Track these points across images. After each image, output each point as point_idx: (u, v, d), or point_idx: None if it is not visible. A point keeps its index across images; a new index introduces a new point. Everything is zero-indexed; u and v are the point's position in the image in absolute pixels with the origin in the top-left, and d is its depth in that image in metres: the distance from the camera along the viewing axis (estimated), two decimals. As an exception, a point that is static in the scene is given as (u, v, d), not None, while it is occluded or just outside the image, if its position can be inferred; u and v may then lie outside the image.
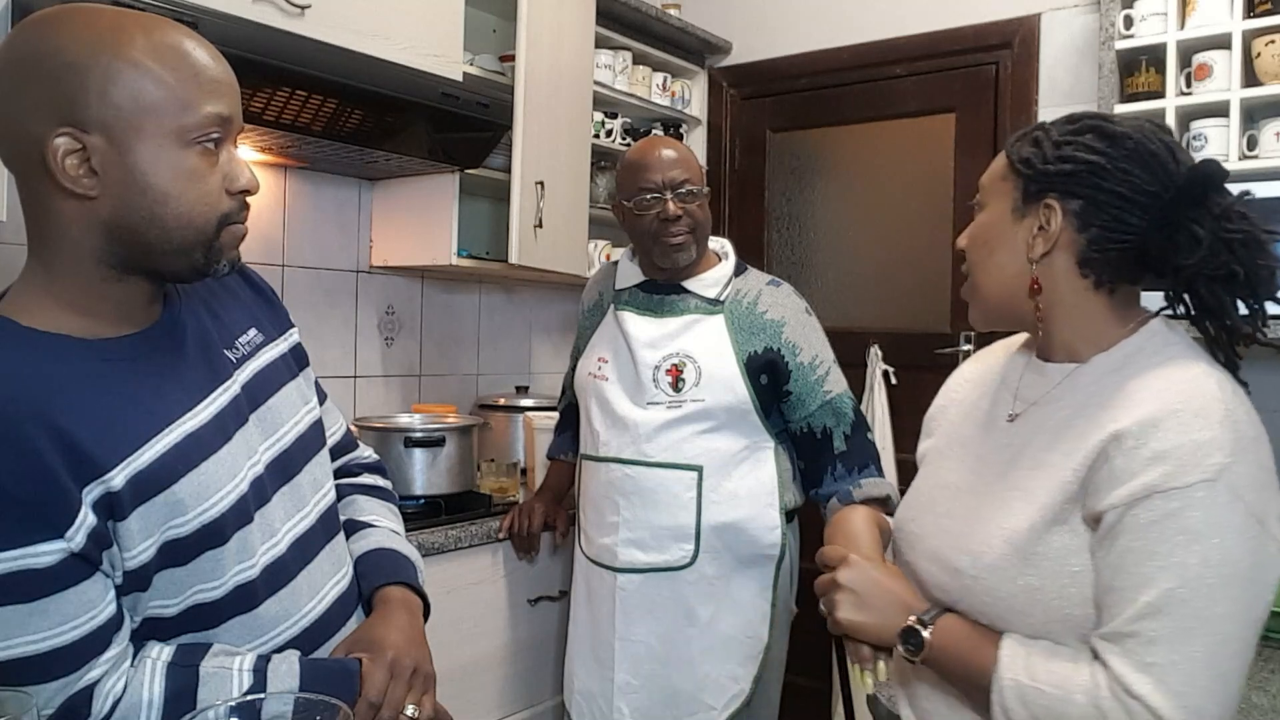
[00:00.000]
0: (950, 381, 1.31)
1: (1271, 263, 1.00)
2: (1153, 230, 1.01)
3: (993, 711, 0.97)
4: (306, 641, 1.04)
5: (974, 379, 1.25)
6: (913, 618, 1.06)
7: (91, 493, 0.87)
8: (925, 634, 1.04)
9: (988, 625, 1.03)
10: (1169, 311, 1.07)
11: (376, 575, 1.16)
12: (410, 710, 1.02)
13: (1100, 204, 1.02)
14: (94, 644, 0.88)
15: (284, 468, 1.07)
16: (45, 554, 0.84)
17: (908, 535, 1.17)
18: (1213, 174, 1.01)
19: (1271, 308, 1.02)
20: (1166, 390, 0.97)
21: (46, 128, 0.88)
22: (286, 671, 0.97)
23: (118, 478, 0.89)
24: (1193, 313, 1.05)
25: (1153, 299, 1.09)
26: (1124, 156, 1.01)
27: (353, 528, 1.21)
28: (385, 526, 1.24)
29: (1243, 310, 1.02)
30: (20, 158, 0.91)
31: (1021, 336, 1.21)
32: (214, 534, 0.95)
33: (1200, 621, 0.90)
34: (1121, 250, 1.03)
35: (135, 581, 0.92)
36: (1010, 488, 1.06)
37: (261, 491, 1.02)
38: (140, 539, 0.91)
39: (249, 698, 0.88)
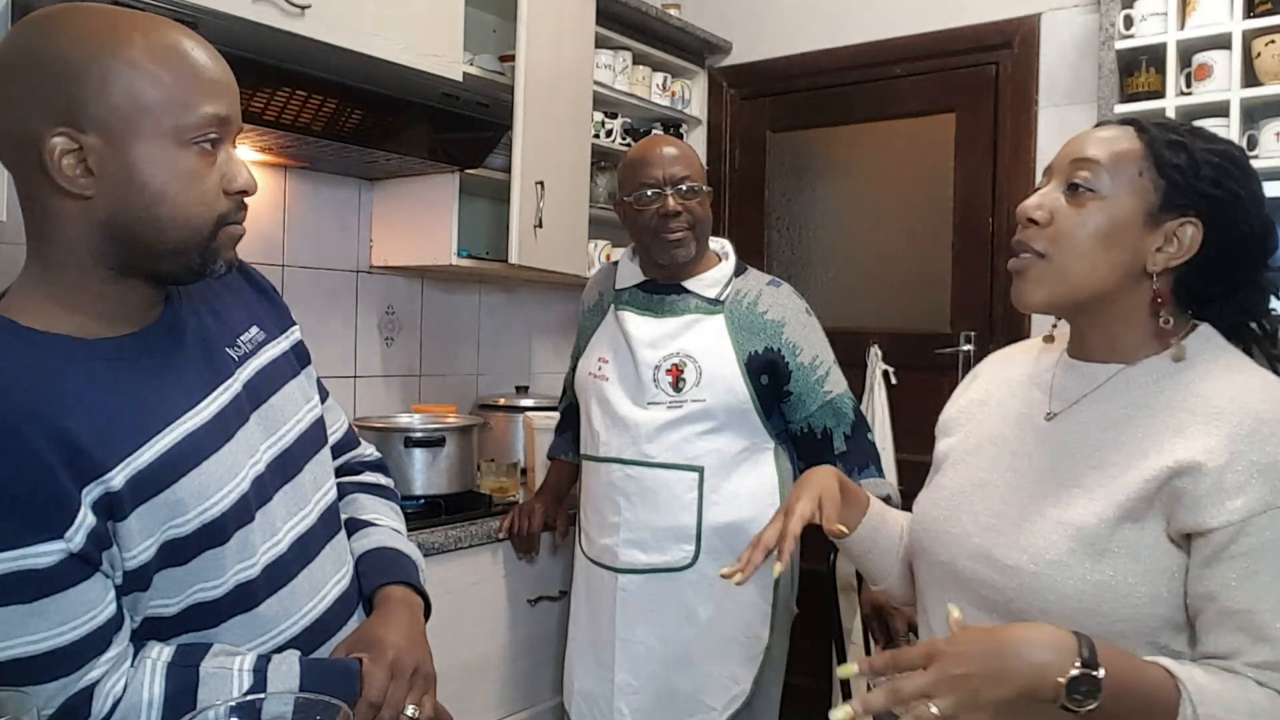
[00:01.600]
0: (967, 384, 1.29)
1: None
2: (1252, 273, 1.04)
3: None
4: (307, 641, 1.04)
5: (997, 379, 1.23)
6: (1076, 663, 0.83)
7: (91, 493, 0.87)
8: (1099, 673, 0.83)
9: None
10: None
11: (377, 574, 1.16)
12: (410, 710, 1.02)
13: (1228, 240, 1.02)
14: (94, 644, 0.88)
15: (285, 466, 1.07)
16: (44, 554, 0.84)
17: (942, 535, 1.14)
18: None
19: None
20: (1247, 398, 0.97)
21: (44, 127, 0.87)
22: (287, 671, 0.97)
23: (117, 478, 0.89)
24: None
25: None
26: (1255, 199, 1.02)
27: (354, 526, 1.21)
28: (387, 525, 1.24)
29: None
30: (18, 157, 0.91)
31: (1036, 341, 1.20)
32: (215, 533, 0.95)
33: None
34: (1217, 285, 1.04)
35: (135, 581, 0.92)
36: (1067, 485, 1.04)
37: (263, 490, 1.02)
38: (140, 539, 0.91)
39: (249, 698, 0.88)
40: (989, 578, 1.06)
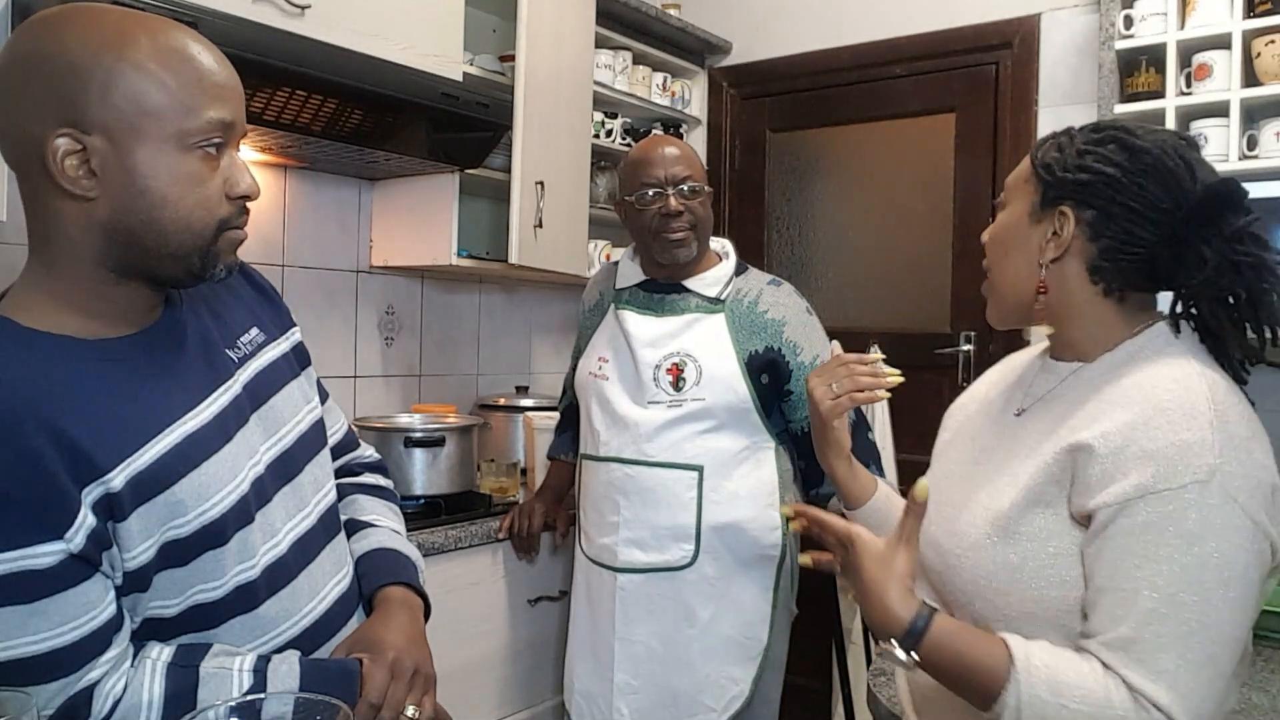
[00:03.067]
0: (975, 383, 1.33)
1: (1278, 288, 1.01)
2: (1162, 246, 1.02)
3: (999, 712, 0.95)
4: (307, 641, 1.04)
5: (996, 380, 1.27)
6: (901, 633, 1.00)
7: (91, 493, 0.87)
8: (912, 656, 1.00)
9: (966, 604, 1.05)
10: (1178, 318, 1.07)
11: (377, 575, 1.16)
12: (410, 711, 1.02)
13: (1112, 215, 1.03)
14: (94, 644, 0.88)
15: (285, 467, 1.07)
16: (45, 555, 0.84)
17: None
18: (1230, 194, 1.01)
19: None
20: (1156, 388, 0.98)
21: (47, 128, 0.87)
22: (287, 672, 0.97)
23: (117, 478, 0.89)
24: (1194, 329, 1.06)
25: (1165, 300, 1.10)
26: (1141, 170, 1.02)
27: (354, 527, 1.21)
28: (386, 526, 1.24)
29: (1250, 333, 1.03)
30: (22, 157, 0.91)
31: (1034, 347, 1.23)
32: (214, 534, 0.95)
33: (1201, 624, 0.91)
34: (1131, 261, 1.04)
35: (135, 582, 0.92)
36: (1003, 473, 1.08)
37: (262, 491, 1.02)
38: (140, 539, 0.91)
39: (249, 698, 0.88)
40: (930, 561, 1.12)
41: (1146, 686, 0.91)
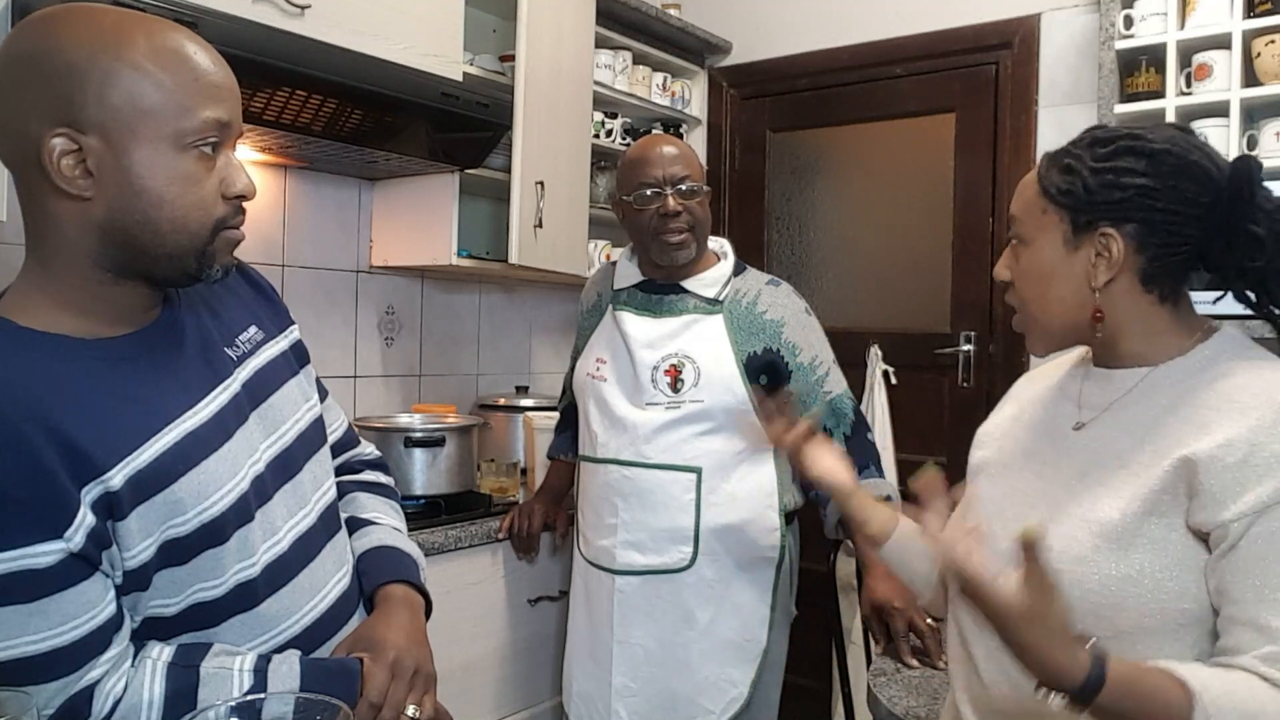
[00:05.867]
0: (1002, 404, 1.30)
1: None
2: (1212, 237, 1.02)
3: None
4: (307, 640, 1.04)
5: (1030, 396, 1.24)
6: (1079, 679, 0.88)
7: (90, 493, 0.87)
8: (1105, 668, 0.88)
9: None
10: (1238, 311, 1.07)
11: (378, 573, 1.16)
12: (411, 710, 1.02)
13: (1154, 224, 1.02)
14: (94, 644, 0.88)
15: (285, 466, 1.07)
16: (44, 554, 0.84)
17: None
18: (1250, 168, 1.01)
19: None
20: (1264, 393, 0.97)
21: (44, 127, 0.87)
22: (287, 672, 0.97)
23: (116, 477, 0.89)
24: (1265, 310, 1.05)
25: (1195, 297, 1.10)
26: (1169, 173, 1.02)
27: (355, 525, 1.21)
28: (387, 524, 1.24)
29: None
30: (18, 157, 0.91)
31: (1073, 354, 1.21)
32: (214, 533, 0.95)
33: None
34: (1182, 261, 1.04)
35: (135, 581, 0.92)
36: (1093, 486, 1.05)
37: (263, 490, 1.02)
38: (140, 538, 0.91)
39: (249, 698, 0.88)
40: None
41: None
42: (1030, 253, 1.11)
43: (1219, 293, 1.09)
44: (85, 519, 0.86)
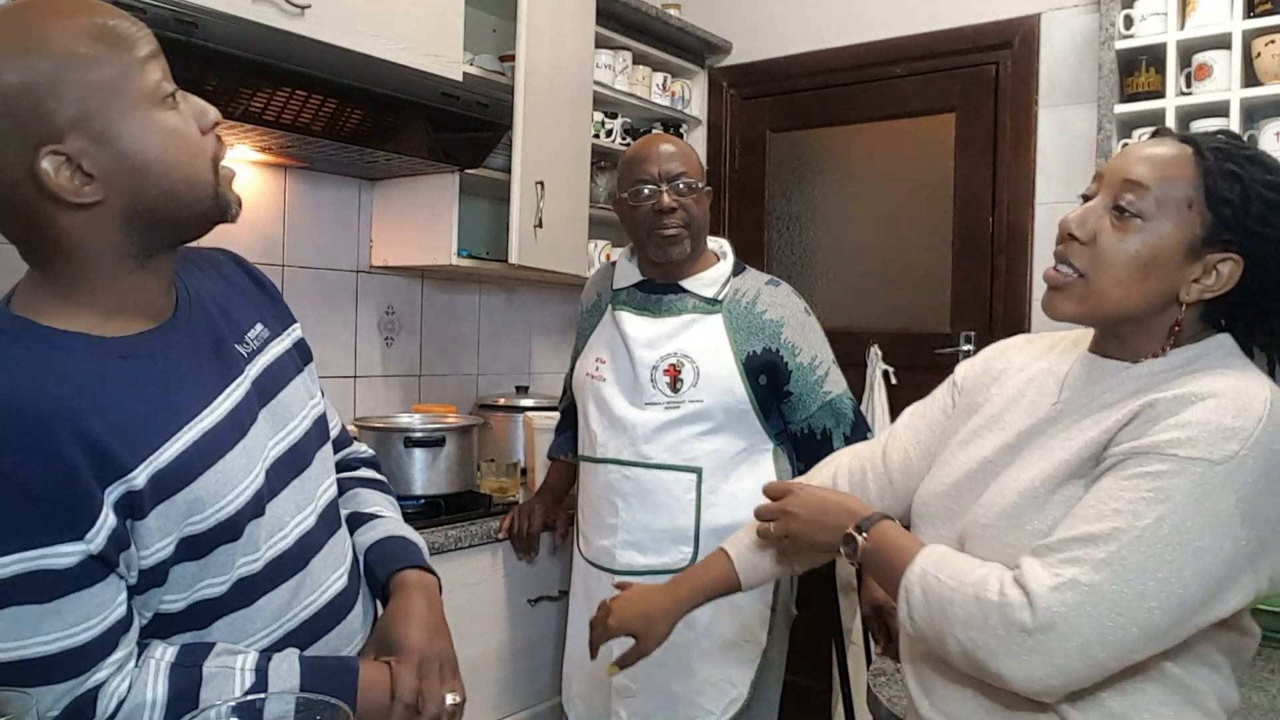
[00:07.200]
0: (1001, 350, 1.27)
1: None
2: None
3: (898, 600, 1.03)
4: (304, 635, 1.04)
5: (1022, 367, 1.21)
6: (851, 525, 1.12)
7: (113, 493, 0.87)
8: (860, 539, 1.11)
9: None
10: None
11: (391, 561, 1.17)
12: (450, 699, 1.04)
13: (1270, 278, 1.01)
14: (104, 645, 0.88)
15: (293, 462, 1.07)
16: (65, 555, 0.84)
17: (944, 511, 1.16)
18: None
19: None
20: (1217, 382, 0.97)
21: (24, 157, 0.85)
22: (287, 671, 0.97)
23: (140, 477, 0.88)
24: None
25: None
26: None
27: (359, 519, 1.22)
28: (391, 517, 1.25)
29: None
30: (11, 195, 0.88)
31: (1068, 335, 1.20)
32: (229, 529, 0.95)
33: (1129, 571, 0.90)
34: (1244, 300, 1.03)
35: (151, 578, 0.92)
36: (1034, 449, 1.08)
37: (272, 486, 1.02)
38: (158, 537, 0.90)
39: (250, 697, 0.88)
40: (948, 536, 1.12)
41: (1031, 573, 0.93)
42: (1146, 233, 1.01)
43: None
44: (107, 520, 0.86)
